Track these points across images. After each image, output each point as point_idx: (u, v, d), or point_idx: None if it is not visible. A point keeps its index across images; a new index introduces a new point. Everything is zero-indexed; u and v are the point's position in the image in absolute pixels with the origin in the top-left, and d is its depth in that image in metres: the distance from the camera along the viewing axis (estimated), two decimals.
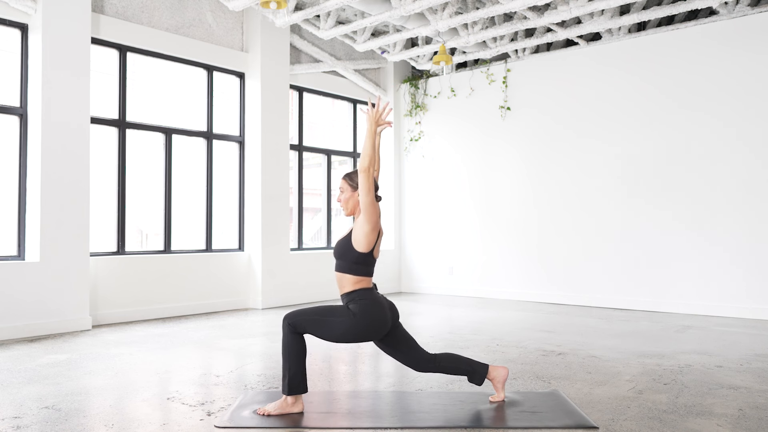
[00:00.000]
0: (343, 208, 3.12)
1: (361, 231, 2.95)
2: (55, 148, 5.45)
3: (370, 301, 2.96)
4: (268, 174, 7.17)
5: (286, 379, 2.96)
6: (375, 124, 3.00)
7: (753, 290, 6.24)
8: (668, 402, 3.23)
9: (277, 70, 7.32)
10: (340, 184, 3.13)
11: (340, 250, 3.03)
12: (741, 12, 6.36)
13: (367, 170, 2.91)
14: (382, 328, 2.99)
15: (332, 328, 2.95)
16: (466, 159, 8.40)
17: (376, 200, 2.97)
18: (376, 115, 3.01)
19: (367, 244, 2.96)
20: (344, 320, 2.94)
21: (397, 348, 3.12)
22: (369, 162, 2.92)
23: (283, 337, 2.99)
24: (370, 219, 2.93)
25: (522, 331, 5.48)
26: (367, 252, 2.97)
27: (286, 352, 2.97)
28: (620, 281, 7.05)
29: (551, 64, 7.67)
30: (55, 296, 5.42)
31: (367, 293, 2.98)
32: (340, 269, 3.03)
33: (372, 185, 2.93)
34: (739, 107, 6.37)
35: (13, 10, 5.39)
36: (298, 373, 2.96)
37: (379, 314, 2.96)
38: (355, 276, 2.99)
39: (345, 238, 3.04)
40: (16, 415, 3.02)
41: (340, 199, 3.12)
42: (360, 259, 2.98)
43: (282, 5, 5.25)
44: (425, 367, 3.15)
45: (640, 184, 6.95)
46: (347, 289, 3.00)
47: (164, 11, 6.52)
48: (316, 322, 2.95)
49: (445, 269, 8.57)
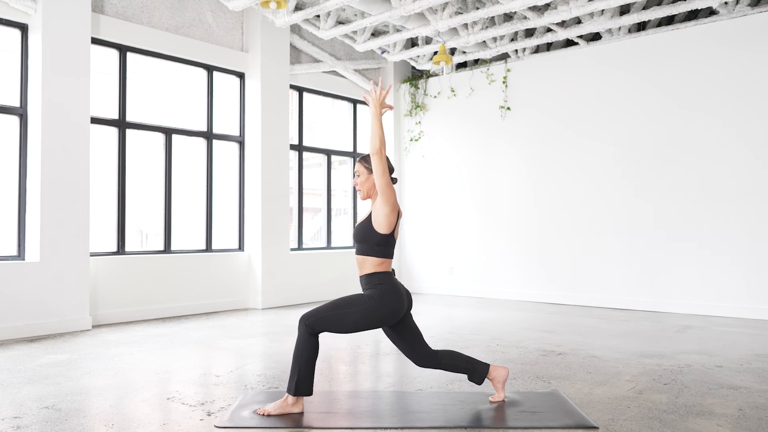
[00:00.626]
0: (359, 191, 3.16)
1: (381, 213, 2.98)
2: (55, 148, 5.45)
3: (390, 286, 3.00)
4: (268, 174, 7.17)
5: (294, 379, 2.96)
6: (379, 106, 3.05)
7: (753, 290, 6.24)
8: (668, 402, 3.23)
9: (277, 70, 7.32)
10: (355, 168, 3.17)
11: (361, 234, 3.05)
12: (741, 12, 6.36)
13: (380, 152, 2.96)
14: (397, 314, 3.02)
15: (351, 319, 2.95)
16: (466, 159, 8.40)
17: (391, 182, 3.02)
18: (379, 97, 3.06)
19: (388, 225, 3.00)
20: (362, 307, 2.96)
21: (403, 337, 3.14)
22: (380, 143, 2.96)
23: (298, 338, 2.99)
24: (388, 200, 2.96)
25: (522, 331, 5.48)
26: (388, 233, 3.01)
27: (298, 353, 2.97)
28: (620, 281, 7.05)
29: (551, 64, 7.67)
30: (55, 296, 5.42)
31: (388, 278, 3.02)
32: (362, 252, 3.05)
33: (386, 167, 2.98)
34: (739, 107, 6.37)
35: (13, 10, 5.39)
36: (306, 376, 2.96)
37: (397, 300, 3.00)
38: (378, 258, 3.02)
39: (365, 222, 3.06)
40: (16, 415, 3.02)
41: (356, 182, 3.16)
42: (382, 241, 3.01)
43: (282, 5, 5.25)
44: (426, 362, 3.16)
45: (640, 184, 6.95)
46: (369, 270, 3.03)
47: (164, 11, 6.53)
48: (334, 318, 2.96)
49: (445, 269, 8.57)
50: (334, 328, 2.97)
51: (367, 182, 3.13)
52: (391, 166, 3.12)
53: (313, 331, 2.97)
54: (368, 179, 3.12)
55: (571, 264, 7.44)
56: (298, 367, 2.96)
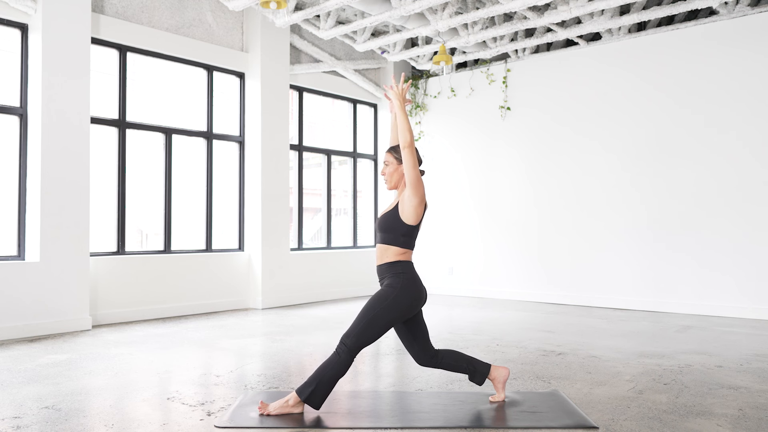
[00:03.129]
0: (386, 181, 3.18)
1: (410, 204, 3.01)
2: (55, 148, 5.45)
3: (413, 276, 3.04)
4: (268, 174, 7.17)
5: (311, 388, 2.94)
6: (402, 100, 3.09)
7: (753, 290, 6.23)
8: (668, 402, 3.23)
9: (277, 70, 7.32)
10: (384, 158, 3.19)
11: (386, 224, 3.07)
12: (741, 12, 6.36)
13: (411, 145, 2.98)
14: (419, 303, 3.05)
15: (382, 319, 2.96)
16: (466, 159, 8.40)
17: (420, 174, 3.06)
18: (401, 91, 3.10)
19: (416, 217, 3.03)
20: (389, 302, 2.97)
21: (411, 330, 3.15)
22: (411, 136, 3.00)
23: (334, 354, 2.97)
24: (417, 192, 2.99)
25: (522, 331, 5.48)
26: (415, 224, 3.05)
27: (327, 367, 2.96)
28: (620, 281, 7.05)
29: (551, 64, 7.67)
30: (55, 296, 5.42)
31: (410, 267, 3.06)
32: (386, 241, 3.07)
33: (416, 160, 3.01)
34: (739, 107, 6.37)
35: (13, 10, 5.39)
36: (324, 391, 2.95)
37: (418, 290, 3.04)
38: (402, 248, 3.05)
39: (392, 212, 3.08)
40: (16, 415, 3.02)
41: (384, 172, 3.17)
42: (408, 232, 3.05)
43: (282, 5, 5.25)
44: (428, 361, 3.16)
45: (640, 183, 6.95)
46: (391, 259, 3.05)
47: (164, 11, 6.52)
48: (370, 328, 2.95)
49: (445, 269, 8.57)
50: (372, 334, 2.96)
51: (396, 173, 3.14)
52: (420, 159, 3.16)
53: (353, 350, 2.94)
54: (397, 170, 3.14)
55: (571, 264, 7.44)
56: (319, 380, 2.94)
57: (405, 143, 2.98)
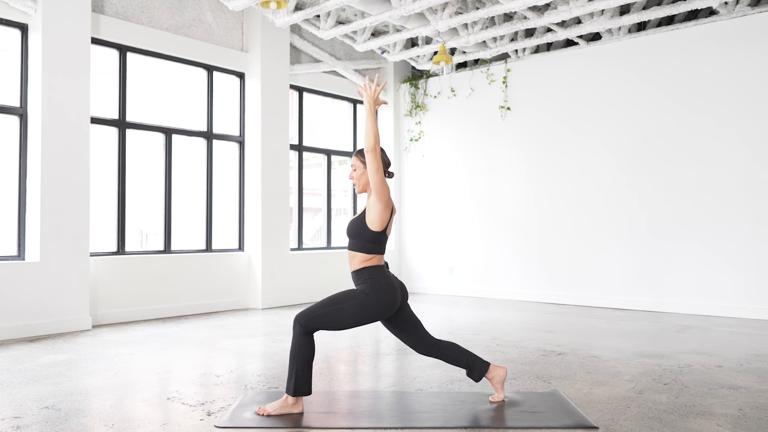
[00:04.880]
0: (355, 184, 3.15)
1: (374, 209, 2.98)
2: (55, 148, 5.45)
3: (383, 279, 2.99)
4: (268, 174, 7.17)
5: (293, 380, 2.96)
6: (374, 102, 3.05)
7: (753, 290, 6.23)
8: (668, 402, 3.23)
9: (277, 70, 7.32)
10: (352, 162, 3.16)
11: (353, 230, 3.06)
12: (741, 12, 6.36)
13: (374, 149, 2.94)
14: (392, 307, 3.01)
15: (345, 315, 2.95)
16: (466, 159, 8.40)
17: (386, 177, 3.02)
18: (373, 93, 3.06)
19: (380, 223, 2.99)
20: (355, 302, 2.96)
21: (402, 328, 3.14)
22: (375, 140, 2.95)
23: (293, 339, 2.99)
24: (381, 197, 2.96)
25: (522, 331, 5.48)
26: (380, 230, 3.01)
27: (294, 353, 2.97)
28: (620, 281, 7.05)
29: (551, 64, 7.67)
30: (55, 296, 5.42)
31: (379, 271, 3.01)
32: (353, 248, 3.06)
33: (380, 164, 2.95)
34: (739, 107, 6.37)
35: (13, 10, 5.39)
36: (304, 375, 2.97)
37: (390, 293, 3.00)
38: (368, 254, 3.02)
39: (358, 218, 3.06)
40: (16, 415, 3.02)
41: (352, 176, 3.15)
42: (373, 238, 3.01)
43: (282, 5, 5.25)
44: (427, 350, 3.16)
45: (640, 183, 6.95)
46: (358, 266, 3.03)
47: (164, 11, 6.52)
48: (327, 316, 2.95)
49: (445, 269, 8.57)
50: (329, 325, 2.97)
51: (363, 176, 3.10)
52: (387, 161, 3.11)
53: (308, 331, 2.96)
54: (364, 173, 3.10)
55: (571, 264, 7.44)
56: (296, 368, 2.96)
57: (368, 146, 2.93)
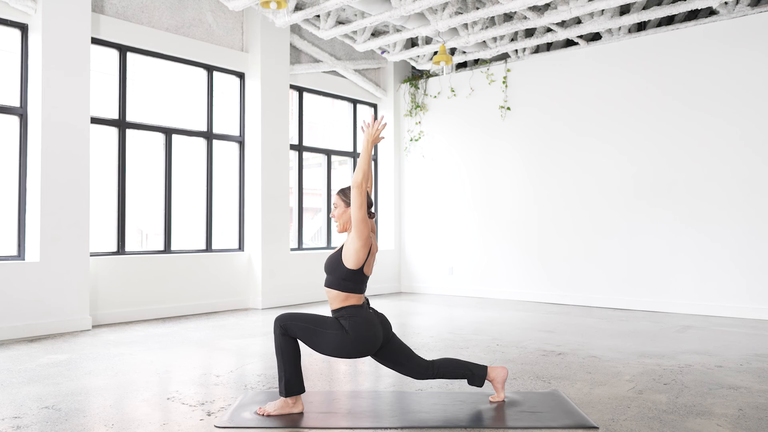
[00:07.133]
0: (336, 223, 3.11)
1: (351, 247, 2.92)
2: (55, 148, 5.45)
3: (361, 319, 2.93)
4: (268, 174, 7.17)
5: (283, 381, 2.96)
6: (372, 142, 3.00)
7: (753, 290, 6.23)
8: (668, 402, 3.23)
9: (277, 70, 7.32)
10: (333, 200, 3.11)
11: (330, 266, 3.01)
12: (741, 12, 6.36)
13: (360, 186, 2.87)
14: (374, 345, 2.98)
15: (323, 342, 2.93)
16: (466, 159, 8.40)
17: (368, 216, 2.95)
18: (374, 132, 3.00)
19: (356, 261, 2.92)
20: (336, 335, 2.92)
21: (393, 360, 3.11)
22: (363, 177, 2.89)
23: (275, 339, 2.98)
24: (361, 235, 2.89)
25: (522, 331, 5.48)
26: (356, 269, 2.94)
27: (280, 354, 2.96)
28: (620, 281, 7.05)
29: (551, 64, 7.67)
30: (55, 296, 5.42)
31: (357, 311, 2.95)
32: (329, 284, 3.01)
33: (364, 200, 2.89)
34: (739, 107, 6.37)
35: (13, 10, 5.39)
36: (293, 375, 2.96)
37: (371, 332, 2.94)
38: (344, 293, 2.96)
39: (336, 254, 3.02)
40: (16, 415, 3.02)
41: (333, 214, 3.11)
42: (349, 276, 2.95)
43: (282, 5, 5.25)
44: (424, 374, 3.14)
45: (640, 183, 6.95)
46: (336, 305, 2.98)
47: (164, 11, 6.52)
48: (307, 331, 2.93)
49: (445, 269, 8.57)
50: (306, 340, 2.94)
51: (344, 215, 3.05)
52: (370, 201, 3.06)
53: (287, 333, 2.95)
54: (345, 212, 3.05)
55: (571, 264, 7.44)
56: (284, 369, 2.95)
57: (355, 182, 2.88)
